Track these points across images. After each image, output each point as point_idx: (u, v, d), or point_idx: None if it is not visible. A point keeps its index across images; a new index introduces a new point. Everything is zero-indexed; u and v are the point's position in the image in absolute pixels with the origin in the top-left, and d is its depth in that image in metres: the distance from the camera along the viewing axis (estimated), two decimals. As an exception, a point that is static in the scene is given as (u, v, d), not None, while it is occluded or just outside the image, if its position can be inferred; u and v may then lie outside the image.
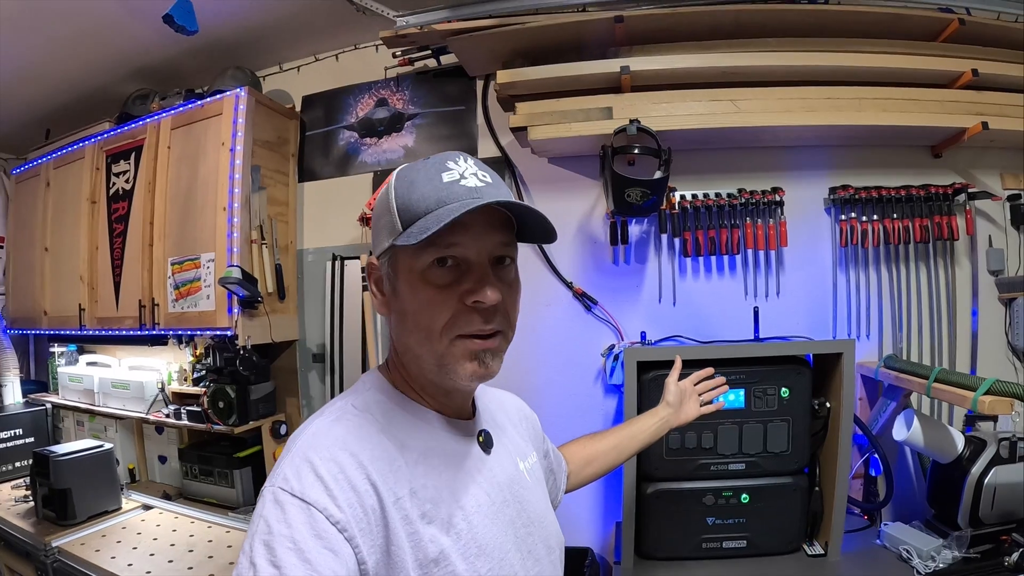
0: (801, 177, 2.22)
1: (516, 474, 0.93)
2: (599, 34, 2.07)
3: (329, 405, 0.83)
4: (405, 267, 0.79)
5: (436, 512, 0.76)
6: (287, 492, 0.68)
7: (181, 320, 2.43)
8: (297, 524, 0.65)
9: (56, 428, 3.34)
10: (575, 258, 2.38)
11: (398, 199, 0.78)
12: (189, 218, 2.43)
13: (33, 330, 3.32)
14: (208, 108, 2.42)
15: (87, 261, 2.85)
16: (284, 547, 0.64)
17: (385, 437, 0.77)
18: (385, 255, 0.82)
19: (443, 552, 0.74)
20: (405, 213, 0.76)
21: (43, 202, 3.15)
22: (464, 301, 0.77)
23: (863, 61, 2.01)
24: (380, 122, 2.64)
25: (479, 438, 0.90)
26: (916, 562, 1.70)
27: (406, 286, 0.79)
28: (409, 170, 0.81)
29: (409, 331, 0.81)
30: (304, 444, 0.74)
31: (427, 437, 0.82)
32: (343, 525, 0.67)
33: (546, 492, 1.04)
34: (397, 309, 0.82)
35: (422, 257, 0.77)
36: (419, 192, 0.77)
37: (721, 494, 1.85)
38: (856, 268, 2.20)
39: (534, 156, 2.37)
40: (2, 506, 2.70)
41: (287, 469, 0.71)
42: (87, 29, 2.50)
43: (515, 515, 0.88)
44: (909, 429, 1.79)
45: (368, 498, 0.70)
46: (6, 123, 3.44)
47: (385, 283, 0.84)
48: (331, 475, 0.69)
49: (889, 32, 2.04)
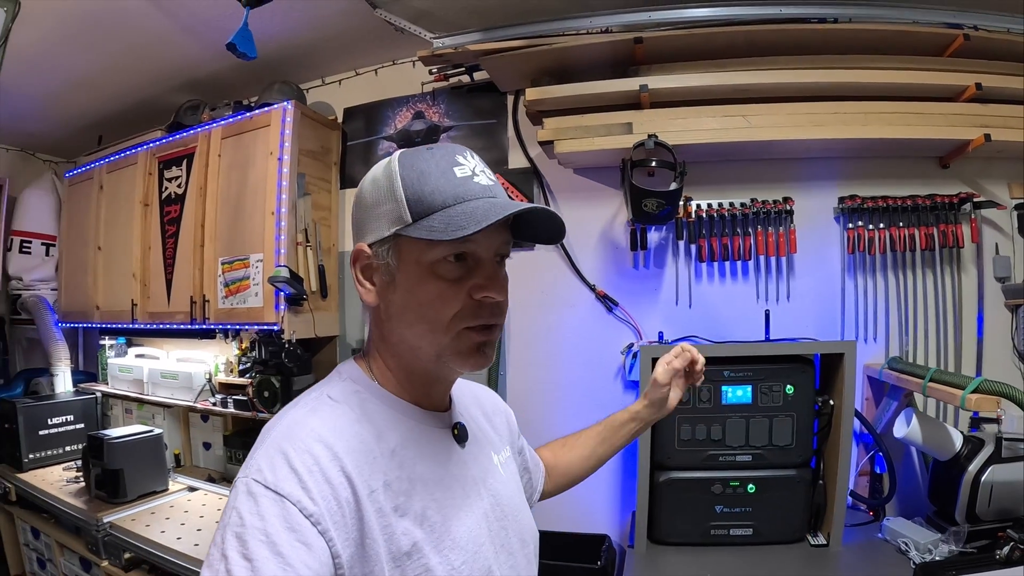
0: (811, 187, 2.31)
1: (490, 467, 0.93)
2: (620, 54, 2.19)
3: (305, 395, 0.83)
4: (411, 259, 0.77)
5: (409, 505, 0.75)
6: (260, 484, 0.67)
7: (230, 315, 2.60)
8: (270, 517, 0.64)
9: (105, 415, 3.51)
10: (598, 262, 2.52)
11: (406, 188, 0.76)
12: (239, 221, 2.59)
13: (84, 323, 3.51)
14: (257, 120, 2.58)
15: (140, 260, 3.03)
16: (256, 540, 0.63)
17: (361, 428, 0.76)
18: (383, 244, 0.79)
19: (416, 545, 0.74)
20: (417, 204, 0.75)
21: (96, 204, 3.34)
22: (473, 296, 0.77)
23: (870, 77, 2.08)
24: (417, 134, 2.77)
25: (454, 431, 0.89)
26: (913, 554, 1.77)
27: (412, 278, 0.78)
28: (415, 158, 0.79)
29: (410, 323, 0.79)
30: (279, 435, 0.72)
31: (402, 429, 0.81)
32: (317, 518, 0.66)
33: (520, 486, 1.03)
34: (394, 300, 0.80)
35: (435, 250, 0.75)
36: (432, 184, 0.76)
37: (729, 484, 1.94)
38: (864, 274, 2.28)
39: (560, 167, 2.50)
40: (54, 486, 2.85)
41: (261, 460, 0.69)
42: (141, 44, 2.66)
43: (489, 508, 0.87)
44: (908, 426, 1.87)
45: (342, 491, 0.69)
46: (60, 129, 3.64)
47: (380, 272, 0.81)
48: (305, 467, 0.68)
49: (896, 48, 2.11)
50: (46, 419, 3.20)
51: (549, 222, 0.82)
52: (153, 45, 2.67)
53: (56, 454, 3.22)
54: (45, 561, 2.95)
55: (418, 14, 2.36)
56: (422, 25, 2.35)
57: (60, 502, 2.70)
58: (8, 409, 3.12)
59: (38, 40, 2.51)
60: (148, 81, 3.05)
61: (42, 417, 3.19)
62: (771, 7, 2.08)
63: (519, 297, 2.60)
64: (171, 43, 2.65)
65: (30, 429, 3.12)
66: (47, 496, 2.78)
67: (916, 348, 2.27)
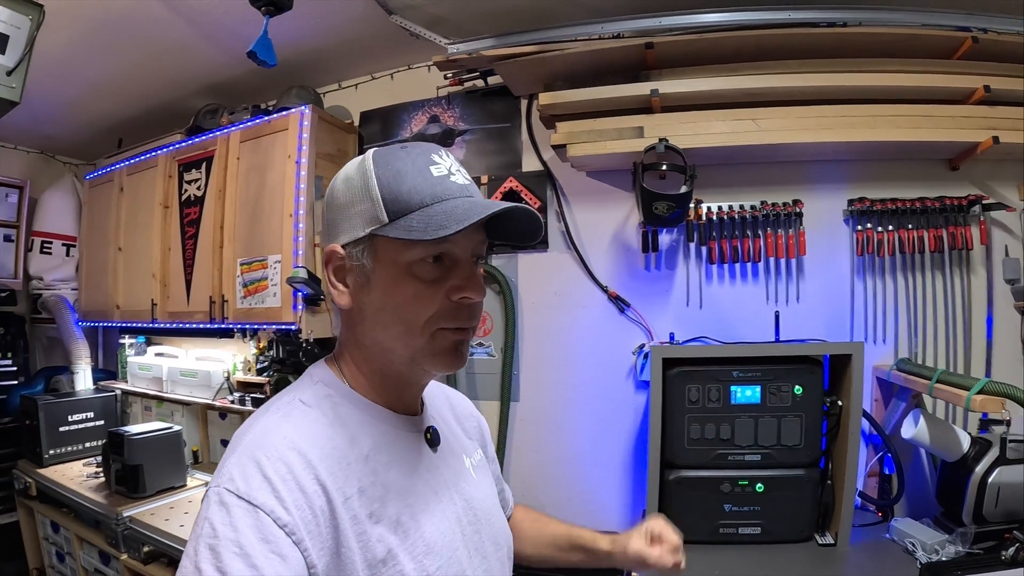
0: (820, 190, 2.32)
1: (462, 471, 0.92)
2: (631, 59, 2.21)
3: (276, 400, 0.81)
4: (388, 259, 0.76)
5: (383, 511, 0.74)
6: (233, 493, 0.65)
7: (249, 315, 2.65)
8: (243, 528, 0.63)
9: (124, 413, 3.56)
10: (610, 264, 2.55)
11: (382, 187, 0.75)
12: (257, 223, 2.64)
13: (104, 322, 3.58)
14: (275, 124, 2.63)
15: (160, 260, 3.08)
16: (230, 552, 0.62)
17: (334, 433, 0.75)
18: (358, 244, 0.77)
19: (391, 552, 0.73)
20: (393, 204, 0.74)
21: (116, 205, 3.40)
22: (451, 297, 0.76)
23: (878, 80, 2.08)
24: (432, 137, 2.80)
25: (426, 435, 0.88)
26: (920, 554, 1.78)
27: (388, 279, 0.76)
28: (391, 157, 0.78)
29: (384, 324, 0.78)
30: (251, 443, 0.71)
31: (375, 433, 0.80)
32: (291, 528, 0.65)
33: (493, 490, 1.01)
34: (369, 302, 0.78)
35: (413, 251, 0.74)
36: (409, 183, 0.74)
37: (737, 483, 1.96)
38: (873, 276, 2.29)
39: (573, 170, 2.53)
40: (74, 481, 2.89)
41: (233, 469, 0.68)
42: (161, 50, 2.71)
43: (462, 512, 0.86)
44: (916, 428, 1.88)
45: (317, 499, 0.68)
46: (81, 132, 3.72)
47: (354, 274, 0.79)
48: (279, 476, 0.67)
49: (904, 51, 2.11)
50: (66, 416, 3.25)
51: (527, 221, 0.81)
52: (173, 51, 2.73)
53: (76, 450, 3.26)
54: (64, 555, 2.98)
55: (433, 20, 2.40)
56: (437, 31, 2.39)
57: (80, 496, 2.74)
58: (29, 406, 3.17)
59: (60, 46, 2.57)
60: (168, 86, 3.11)
61: (62, 414, 3.24)
62: (780, 12, 2.09)
63: (532, 298, 2.66)
64: (191, 49, 2.70)
65: (50, 425, 3.15)
66: (67, 491, 2.82)
67: (925, 350, 2.28)
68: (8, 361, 3.70)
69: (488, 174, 2.72)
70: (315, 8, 2.36)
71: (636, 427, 2.49)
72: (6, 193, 3.67)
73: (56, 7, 2.15)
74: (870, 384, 2.23)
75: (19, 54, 1.81)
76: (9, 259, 3.71)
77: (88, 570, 2.78)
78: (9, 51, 1.80)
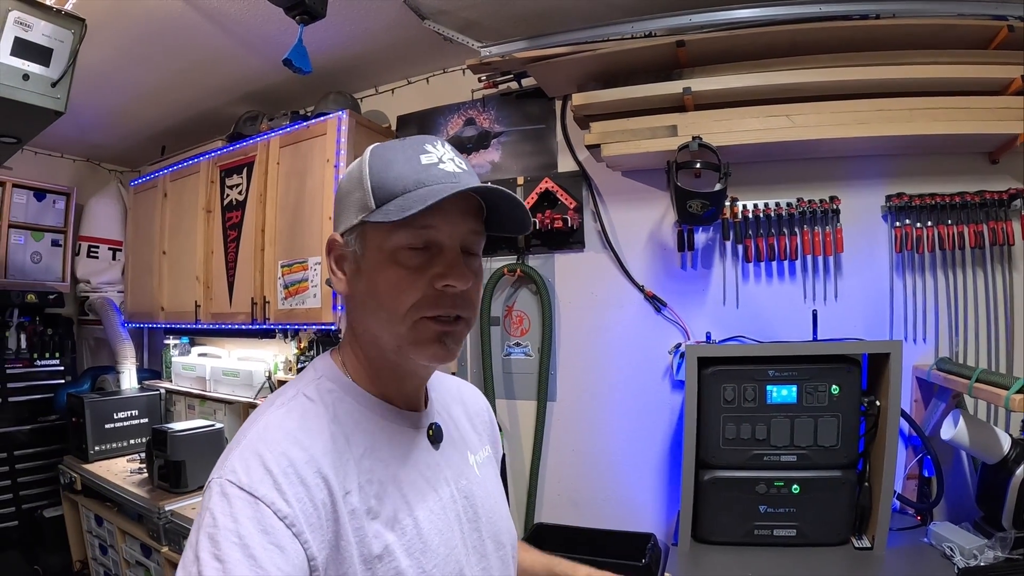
0: (857, 186, 2.29)
1: (465, 468, 0.91)
2: (663, 57, 2.20)
3: (280, 393, 0.82)
4: (374, 246, 0.77)
5: (381, 508, 0.75)
6: (235, 485, 0.66)
7: (290, 316, 2.71)
8: (243, 518, 0.64)
9: (168, 411, 3.67)
10: (646, 263, 2.55)
11: (372, 176, 0.76)
12: (297, 226, 2.70)
13: (149, 323, 3.69)
14: (313, 129, 2.69)
15: (203, 263, 3.17)
16: (229, 541, 0.63)
17: (335, 428, 0.76)
18: (352, 232, 0.79)
19: (387, 548, 0.73)
20: (380, 191, 0.75)
21: (160, 211, 3.51)
22: (434, 284, 0.76)
23: (914, 73, 2.04)
24: (469, 139, 2.85)
25: (429, 431, 0.88)
26: (958, 559, 1.74)
27: (374, 265, 0.77)
28: (385, 149, 0.80)
29: (372, 311, 0.79)
30: (254, 436, 0.72)
31: (375, 429, 0.80)
32: (291, 520, 0.66)
33: (499, 487, 1.00)
34: (360, 289, 0.80)
35: (394, 237, 0.75)
36: (396, 171, 0.76)
37: (773, 484, 1.92)
38: (912, 273, 2.25)
39: (609, 170, 2.54)
40: (118, 476, 2.99)
41: (236, 462, 0.69)
42: (202, 60, 2.80)
43: (462, 511, 0.86)
44: (956, 429, 1.84)
45: (318, 492, 0.69)
46: (125, 140, 3.85)
47: (349, 261, 0.81)
48: (280, 469, 0.68)
49: (939, 42, 2.06)
50: (112, 413, 3.35)
51: (511, 207, 0.80)
52: (214, 60, 2.81)
53: (121, 446, 3.35)
54: (107, 547, 3.07)
55: (465, 24, 2.44)
56: (469, 35, 2.43)
57: (124, 491, 2.83)
58: (76, 404, 3.27)
59: (104, 58, 2.67)
60: (209, 94, 3.20)
61: (108, 411, 3.34)
62: (811, 6, 2.06)
63: (569, 298, 2.68)
64: (231, 58, 2.78)
65: (96, 423, 3.25)
66: (111, 486, 2.91)
67: (966, 349, 2.22)
68: (56, 361, 3.82)
69: (524, 175, 2.74)
70: (350, 15, 2.42)
71: (672, 427, 2.49)
72: (54, 200, 3.83)
73: (99, 21, 2.24)
74: (910, 384, 2.19)
75: (63, 66, 1.89)
76: (57, 263, 3.87)
77: (130, 562, 2.86)
78: (53, 63, 1.88)
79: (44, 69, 1.86)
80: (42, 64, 1.85)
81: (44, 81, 1.87)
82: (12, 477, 3.50)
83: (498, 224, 0.83)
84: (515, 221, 0.82)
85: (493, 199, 0.79)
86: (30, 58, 1.82)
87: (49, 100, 1.89)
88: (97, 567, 3.21)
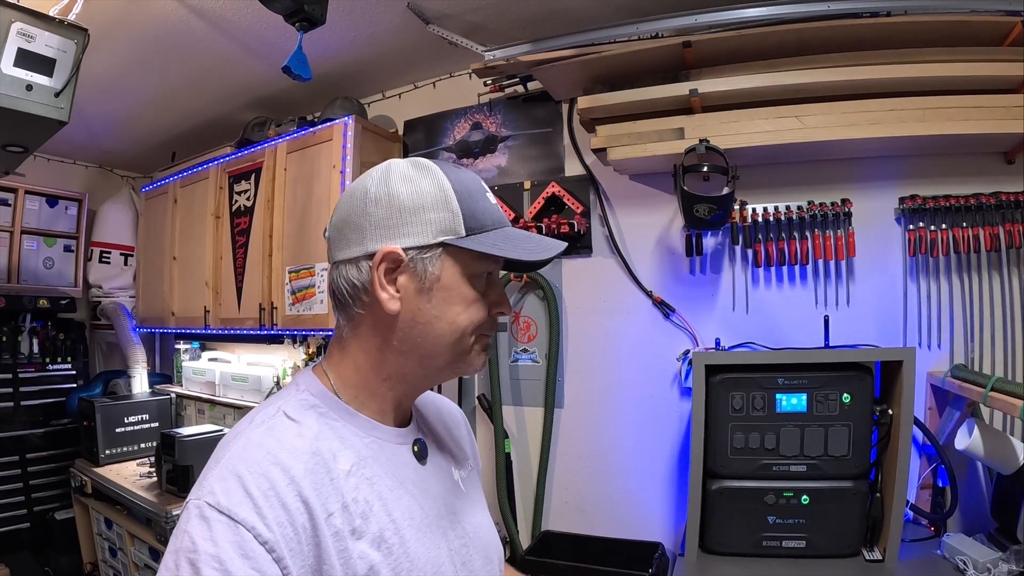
0: (869, 188, 2.24)
1: (451, 484, 0.91)
2: (670, 59, 2.17)
3: (260, 410, 0.80)
4: (455, 269, 0.79)
5: (366, 527, 0.73)
6: (214, 508, 0.65)
7: (297, 322, 2.71)
8: (223, 543, 0.63)
9: (179, 415, 3.68)
10: (654, 269, 2.52)
11: (461, 202, 0.78)
12: (305, 232, 2.70)
13: (160, 328, 3.72)
14: (320, 135, 2.69)
15: (212, 269, 3.19)
16: (209, 567, 0.62)
17: (319, 446, 0.74)
18: (427, 251, 0.77)
19: (373, 568, 0.72)
20: (471, 219, 0.78)
21: (171, 216, 3.54)
22: (492, 311, 0.83)
23: (926, 71, 1.99)
24: (475, 144, 2.85)
25: (414, 447, 0.87)
26: (970, 572, 1.70)
27: (454, 287, 0.79)
28: (458, 175, 0.81)
29: (437, 331, 0.79)
30: (234, 456, 0.70)
31: (360, 446, 0.79)
32: (272, 545, 0.65)
33: (483, 502, 1.00)
34: (423, 308, 0.79)
35: (481, 264, 0.80)
36: (481, 205, 0.80)
37: (782, 494, 1.88)
38: (927, 277, 2.20)
39: (616, 174, 2.51)
40: (128, 480, 3.00)
41: (215, 483, 0.68)
42: (210, 66, 2.81)
43: (448, 527, 0.85)
44: (970, 438, 1.80)
45: (299, 516, 0.68)
46: (136, 146, 3.88)
47: (413, 279, 0.78)
48: (261, 492, 0.66)
49: (952, 40, 2.01)
50: (123, 417, 3.36)
51: None
52: (220, 67, 2.82)
53: (131, 450, 3.37)
54: (116, 550, 3.09)
55: (470, 28, 2.42)
56: (474, 39, 2.41)
57: (133, 495, 2.83)
58: (87, 408, 3.29)
59: (113, 66, 2.69)
60: (217, 100, 3.22)
61: (119, 416, 3.35)
62: (820, 3, 2.01)
63: (577, 304, 2.66)
64: (237, 64, 2.79)
65: (107, 426, 3.27)
66: (121, 489, 2.92)
67: (982, 355, 2.16)
68: (68, 365, 3.86)
69: (531, 179, 2.73)
70: (353, 21, 2.41)
71: (681, 435, 2.45)
72: (66, 206, 3.86)
73: (106, 28, 2.27)
74: (924, 392, 2.14)
75: (66, 76, 1.89)
76: (69, 268, 3.90)
77: (138, 565, 2.88)
78: (56, 74, 1.88)
79: (47, 79, 1.86)
80: (45, 74, 1.85)
81: (48, 91, 1.87)
82: (24, 480, 3.54)
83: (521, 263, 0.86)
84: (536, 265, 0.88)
85: None
86: (33, 69, 1.82)
87: (53, 110, 1.89)
88: (107, 569, 3.23)
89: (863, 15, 2.05)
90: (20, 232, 3.63)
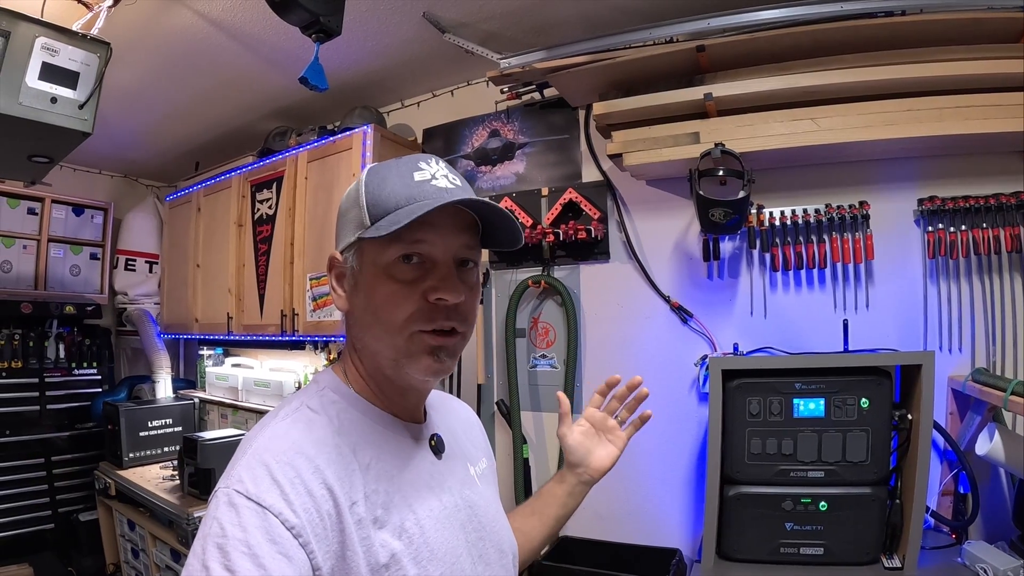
0: (887, 190, 2.22)
1: (467, 478, 0.93)
2: (684, 63, 2.17)
3: (284, 405, 0.82)
4: (370, 261, 0.79)
5: (388, 517, 0.75)
6: (242, 495, 0.67)
7: (318, 328, 2.75)
8: (251, 528, 0.65)
9: (202, 420, 3.73)
10: (672, 274, 2.52)
11: (368, 194, 0.79)
12: (325, 239, 2.74)
13: (184, 335, 3.79)
14: (339, 143, 2.73)
15: (235, 276, 3.25)
16: (238, 551, 0.63)
17: (340, 440, 0.76)
18: (350, 249, 0.81)
19: (394, 557, 0.74)
20: (374, 208, 0.77)
21: (195, 225, 3.61)
22: (427, 298, 0.77)
23: (942, 70, 1.97)
24: (493, 151, 2.87)
25: (431, 442, 0.89)
26: None
27: (370, 280, 0.79)
28: (381, 167, 0.82)
29: (368, 326, 0.80)
30: (260, 447, 0.72)
31: (380, 441, 0.81)
32: (298, 530, 0.66)
33: (497, 497, 1.02)
34: (358, 304, 0.81)
35: (388, 252, 0.77)
36: (390, 188, 0.78)
37: (800, 501, 1.86)
38: (947, 280, 2.16)
39: (633, 179, 2.52)
40: (151, 482, 3.05)
41: (243, 472, 0.69)
42: (231, 79, 2.88)
43: (466, 519, 0.87)
44: (991, 443, 1.77)
45: (324, 503, 0.69)
46: (160, 156, 3.98)
47: (347, 278, 0.83)
48: (287, 479, 0.68)
49: (968, 38, 1.99)
50: (147, 422, 3.42)
51: (503, 222, 0.83)
52: (242, 78, 2.89)
53: (155, 454, 3.43)
54: (139, 551, 3.13)
55: (486, 36, 2.46)
56: (490, 47, 2.43)
57: (156, 497, 2.88)
58: (112, 412, 3.36)
59: (137, 77, 2.77)
60: (239, 111, 3.29)
61: (143, 420, 3.41)
62: (833, 4, 1.99)
63: (594, 309, 2.66)
64: (257, 75, 2.85)
65: (131, 430, 3.33)
66: (144, 492, 2.97)
67: (1004, 359, 2.12)
68: (94, 370, 3.91)
69: (549, 186, 2.74)
70: (369, 32, 2.46)
71: (699, 440, 2.44)
72: (92, 215, 3.95)
73: (129, 42, 2.33)
74: (945, 396, 2.10)
75: (89, 89, 1.95)
76: (95, 276, 3.99)
77: (160, 566, 2.92)
78: (80, 87, 1.94)
79: (71, 92, 1.91)
80: (69, 87, 1.91)
81: (72, 104, 1.92)
82: (50, 482, 3.60)
83: (495, 239, 0.85)
84: (507, 236, 0.84)
85: (486, 214, 0.81)
86: (57, 82, 1.88)
87: (77, 122, 1.95)
88: (129, 570, 3.28)
89: (877, 15, 2.03)
90: (47, 240, 3.72)
